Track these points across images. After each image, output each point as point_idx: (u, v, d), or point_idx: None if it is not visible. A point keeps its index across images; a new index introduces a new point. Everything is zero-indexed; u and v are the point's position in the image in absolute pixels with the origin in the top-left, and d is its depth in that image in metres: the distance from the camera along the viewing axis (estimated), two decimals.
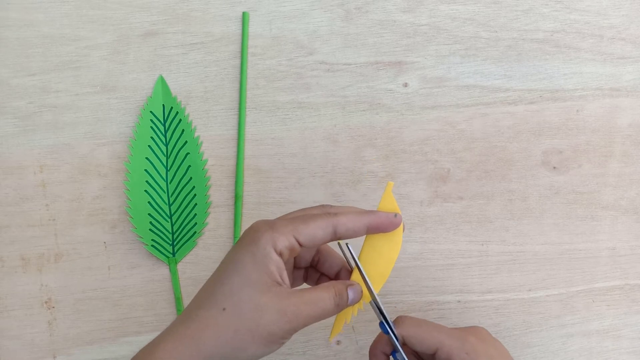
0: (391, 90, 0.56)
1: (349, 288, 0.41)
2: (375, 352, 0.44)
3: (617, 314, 0.56)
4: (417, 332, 0.42)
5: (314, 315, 0.39)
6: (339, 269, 0.44)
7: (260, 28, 0.55)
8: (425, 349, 0.43)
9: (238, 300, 0.38)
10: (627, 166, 0.57)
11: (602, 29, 0.57)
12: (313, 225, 0.39)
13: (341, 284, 0.41)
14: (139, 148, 0.54)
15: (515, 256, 0.56)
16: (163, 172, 0.54)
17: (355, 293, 0.42)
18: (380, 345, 0.44)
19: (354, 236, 0.41)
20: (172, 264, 0.54)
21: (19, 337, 0.53)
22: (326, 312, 0.40)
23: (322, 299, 0.40)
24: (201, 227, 0.54)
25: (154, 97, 0.54)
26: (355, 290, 0.42)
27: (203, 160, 0.54)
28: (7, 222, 0.53)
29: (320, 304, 0.39)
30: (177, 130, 0.54)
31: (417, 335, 0.42)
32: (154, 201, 0.54)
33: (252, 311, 0.38)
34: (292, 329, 0.39)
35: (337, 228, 0.40)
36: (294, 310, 0.38)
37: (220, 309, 0.38)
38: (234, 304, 0.38)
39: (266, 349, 0.38)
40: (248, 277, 0.38)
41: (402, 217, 0.42)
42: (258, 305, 0.38)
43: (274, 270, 0.39)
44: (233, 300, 0.38)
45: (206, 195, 0.54)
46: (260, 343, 0.38)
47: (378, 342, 0.45)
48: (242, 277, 0.39)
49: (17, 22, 0.54)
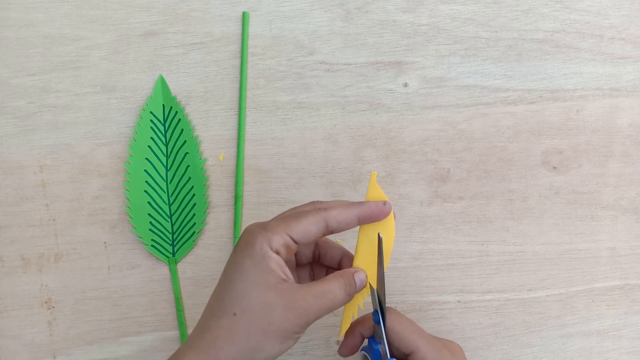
0: (391, 90, 0.56)
1: (355, 274, 0.42)
2: (354, 332, 0.45)
3: (617, 314, 0.56)
4: (400, 331, 0.43)
5: (325, 308, 0.40)
6: (340, 257, 0.45)
7: (260, 28, 0.55)
8: (402, 348, 0.43)
9: (247, 304, 0.39)
10: (627, 166, 0.57)
11: (602, 29, 0.57)
12: (305, 221, 0.40)
13: (348, 273, 0.42)
14: (139, 148, 0.54)
15: (515, 256, 0.56)
16: (163, 172, 0.54)
17: (360, 279, 0.42)
18: (360, 327, 0.45)
19: (346, 228, 0.41)
20: (172, 264, 0.54)
21: (19, 337, 0.53)
22: (336, 302, 0.40)
23: (330, 290, 0.40)
24: (200, 227, 0.54)
25: (154, 97, 0.54)
26: (360, 276, 0.42)
27: (202, 159, 0.54)
28: (7, 222, 0.53)
29: (329, 295, 0.40)
30: (176, 130, 0.54)
31: (400, 333, 0.43)
32: (153, 201, 0.54)
33: (261, 311, 0.38)
34: (304, 323, 0.39)
35: (328, 222, 0.41)
36: (303, 305, 0.39)
37: (231, 315, 0.39)
38: (243, 307, 0.39)
39: (282, 346, 0.39)
40: (252, 280, 0.39)
41: (391, 205, 0.42)
42: (266, 305, 0.38)
43: (275, 268, 0.39)
44: (242, 304, 0.39)
45: (205, 195, 0.54)
46: (275, 341, 0.38)
47: (360, 323, 0.45)
48: (246, 280, 0.39)
49: (17, 22, 0.54)
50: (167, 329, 0.54)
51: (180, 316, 0.53)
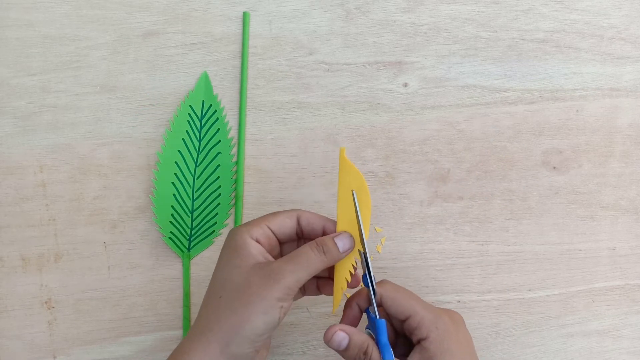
0: (391, 90, 0.56)
1: (335, 238, 0.43)
2: (352, 304, 0.46)
3: (617, 314, 0.56)
4: (395, 296, 0.44)
5: (299, 269, 0.41)
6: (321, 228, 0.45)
7: (260, 28, 0.55)
8: (398, 314, 0.44)
9: (230, 285, 0.41)
10: (627, 166, 0.57)
11: (602, 29, 0.57)
12: (281, 216, 0.44)
13: (324, 237, 0.44)
14: (173, 139, 0.54)
15: (515, 256, 0.56)
16: (192, 167, 0.54)
17: (343, 241, 0.44)
18: (358, 299, 0.46)
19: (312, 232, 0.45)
20: (186, 259, 0.54)
21: (19, 337, 0.53)
22: (312, 262, 0.42)
23: (303, 252, 0.42)
24: (220, 228, 0.54)
25: (196, 92, 0.54)
26: (343, 238, 0.44)
27: (232, 162, 0.54)
28: (7, 222, 0.53)
29: (303, 256, 0.42)
30: (212, 128, 0.54)
31: (395, 298, 0.44)
32: (178, 194, 0.54)
33: (242, 286, 0.41)
34: (283, 288, 0.40)
35: (300, 218, 0.45)
36: (277, 270, 0.41)
37: (217, 298, 0.42)
38: (227, 289, 0.41)
39: (266, 317, 0.40)
40: (234, 265, 0.42)
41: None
42: (247, 280, 0.41)
43: (254, 253, 0.42)
44: (225, 287, 0.42)
45: (230, 197, 0.54)
46: (258, 311, 0.40)
47: (357, 295, 0.46)
48: (229, 267, 0.42)
49: (17, 22, 0.54)
50: (167, 329, 0.54)
51: (186, 312, 0.53)
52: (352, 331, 0.43)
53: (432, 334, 0.42)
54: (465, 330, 0.45)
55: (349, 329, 0.43)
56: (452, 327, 0.44)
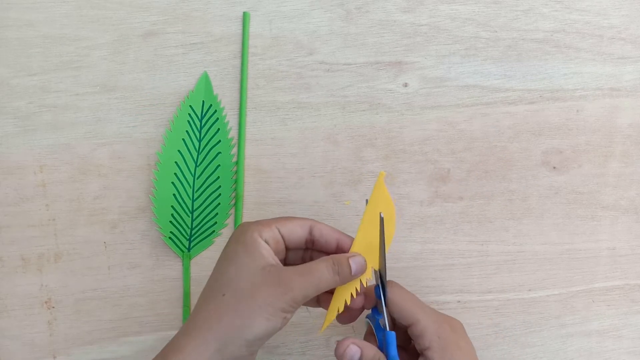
0: (391, 90, 0.56)
1: (351, 259, 0.43)
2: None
3: (617, 314, 0.56)
4: (401, 303, 0.44)
5: (310, 284, 0.41)
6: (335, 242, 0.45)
7: (260, 28, 0.55)
8: (403, 320, 0.44)
9: (235, 285, 0.40)
10: (627, 166, 0.57)
11: (602, 29, 0.57)
12: (294, 222, 0.44)
13: (340, 255, 0.43)
14: (173, 139, 0.54)
15: (515, 256, 0.56)
16: (192, 167, 0.54)
17: (357, 264, 0.43)
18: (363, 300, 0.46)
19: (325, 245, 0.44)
20: (186, 259, 0.54)
21: (19, 337, 0.53)
22: (323, 280, 0.41)
23: (317, 268, 0.41)
24: (220, 227, 0.54)
25: (196, 92, 0.54)
26: (358, 261, 0.43)
27: (232, 162, 0.54)
28: (7, 222, 0.53)
29: (315, 273, 0.41)
30: (212, 128, 0.54)
31: (401, 305, 0.44)
32: (178, 194, 0.54)
33: (248, 290, 0.40)
34: (290, 300, 0.40)
35: (313, 229, 0.44)
36: (288, 281, 0.40)
37: (220, 296, 0.41)
38: (232, 289, 0.40)
39: (269, 324, 0.40)
40: (241, 263, 0.41)
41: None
42: (254, 284, 0.40)
43: (265, 254, 0.41)
44: (231, 285, 0.41)
45: (230, 197, 0.54)
46: (262, 317, 0.39)
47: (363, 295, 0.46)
48: (237, 265, 0.41)
49: (17, 22, 0.54)
50: (167, 329, 0.54)
51: (186, 312, 0.53)
52: (364, 345, 0.43)
53: (434, 344, 0.43)
54: (467, 337, 0.46)
55: (360, 342, 0.43)
56: (452, 335, 0.44)
